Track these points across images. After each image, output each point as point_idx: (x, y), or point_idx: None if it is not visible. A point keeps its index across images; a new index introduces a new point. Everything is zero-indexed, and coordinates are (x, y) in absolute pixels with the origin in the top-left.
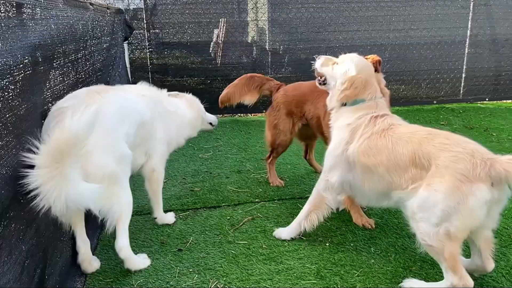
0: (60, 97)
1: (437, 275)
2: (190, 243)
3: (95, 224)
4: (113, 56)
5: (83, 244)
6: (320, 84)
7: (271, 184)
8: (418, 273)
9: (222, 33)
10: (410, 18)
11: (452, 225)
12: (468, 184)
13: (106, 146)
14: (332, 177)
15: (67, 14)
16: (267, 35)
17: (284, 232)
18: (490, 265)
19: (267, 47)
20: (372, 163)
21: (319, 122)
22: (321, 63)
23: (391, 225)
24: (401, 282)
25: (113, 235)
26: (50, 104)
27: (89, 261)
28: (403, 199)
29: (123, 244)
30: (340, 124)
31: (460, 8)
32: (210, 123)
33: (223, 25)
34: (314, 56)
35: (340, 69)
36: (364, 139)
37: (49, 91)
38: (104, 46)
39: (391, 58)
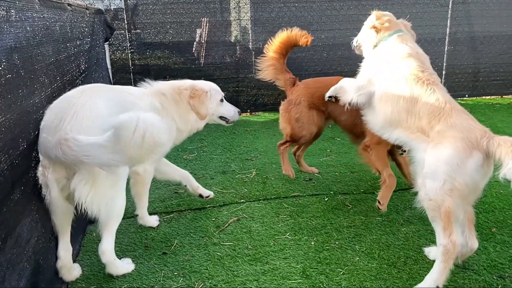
0: (49, 100)
1: (421, 270)
2: (174, 246)
3: (78, 229)
4: (95, 57)
5: (64, 250)
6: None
7: (284, 172)
8: (402, 269)
9: (205, 33)
10: None
11: (455, 181)
12: (471, 149)
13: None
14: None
15: (43, 15)
16: (250, 35)
17: None
18: (475, 243)
19: (250, 47)
20: (400, 93)
21: (349, 120)
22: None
23: (375, 223)
24: (385, 278)
25: (96, 240)
26: (38, 107)
27: (69, 269)
28: (403, 140)
29: (106, 248)
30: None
31: (439, 7)
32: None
33: (206, 25)
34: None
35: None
36: (408, 69)
37: (35, 94)
38: (86, 47)
39: None
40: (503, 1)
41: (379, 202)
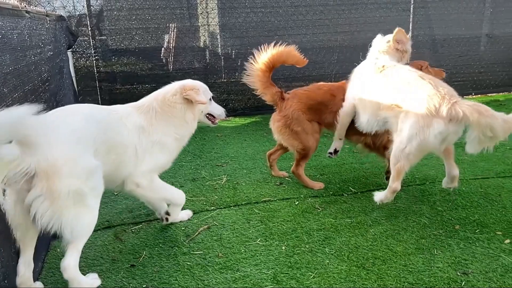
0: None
1: (389, 270)
2: (143, 257)
3: (41, 245)
4: (57, 65)
5: (24, 266)
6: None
7: (316, 188)
8: (371, 270)
9: (173, 39)
10: (355, 21)
11: (412, 146)
12: (430, 118)
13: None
14: None
15: None
16: (219, 40)
17: None
18: (455, 170)
19: (219, 52)
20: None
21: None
22: None
23: (344, 225)
24: (355, 280)
25: (60, 256)
26: None
27: (29, 286)
28: (387, 118)
29: (69, 263)
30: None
31: (401, 11)
32: (209, 115)
33: (173, 31)
34: None
35: None
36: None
37: None
38: (48, 55)
39: (339, 60)
40: (461, 5)
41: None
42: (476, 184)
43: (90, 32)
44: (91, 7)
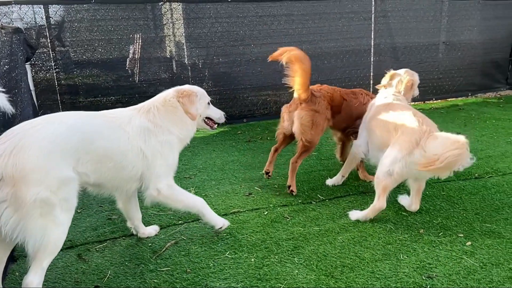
0: None
1: (357, 278)
2: (108, 277)
3: None
4: (14, 79)
5: None
6: None
7: (291, 189)
8: (340, 278)
9: (138, 50)
10: (319, 30)
11: (395, 168)
12: (413, 148)
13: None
14: None
15: None
16: (185, 50)
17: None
18: (415, 206)
19: (186, 62)
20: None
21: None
22: None
23: (313, 233)
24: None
25: (20, 280)
26: None
27: None
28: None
29: (31, 281)
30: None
31: (363, 20)
32: (208, 118)
33: (138, 41)
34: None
35: None
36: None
37: None
38: (4, 69)
39: None
40: (419, 15)
41: None
42: (438, 187)
43: (49, 44)
44: (50, 18)
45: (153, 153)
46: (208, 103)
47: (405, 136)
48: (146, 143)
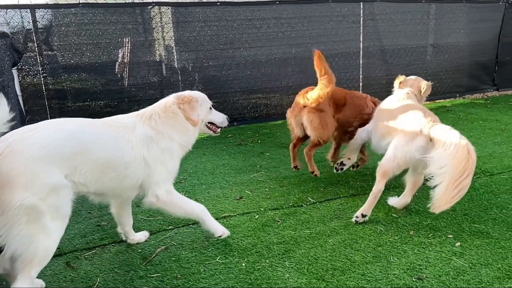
0: None
1: (348, 281)
2: (97, 285)
3: None
4: (1, 84)
5: None
6: None
7: (314, 174)
8: (330, 281)
9: (127, 53)
10: (308, 33)
11: (397, 153)
12: (415, 136)
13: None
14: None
15: None
16: (175, 54)
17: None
18: (408, 200)
19: (176, 66)
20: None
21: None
22: None
23: (303, 236)
24: None
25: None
26: None
27: None
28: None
29: None
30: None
31: (351, 23)
32: (210, 123)
33: (127, 45)
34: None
35: None
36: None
37: None
38: None
39: (294, 71)
40: (407, 17)
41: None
42: (427, 188)
43: (37, 48)
44: (37, 22)
45: (155, 160)
46: (210, 108)
47: (409, 125)
48: (149, 151)
